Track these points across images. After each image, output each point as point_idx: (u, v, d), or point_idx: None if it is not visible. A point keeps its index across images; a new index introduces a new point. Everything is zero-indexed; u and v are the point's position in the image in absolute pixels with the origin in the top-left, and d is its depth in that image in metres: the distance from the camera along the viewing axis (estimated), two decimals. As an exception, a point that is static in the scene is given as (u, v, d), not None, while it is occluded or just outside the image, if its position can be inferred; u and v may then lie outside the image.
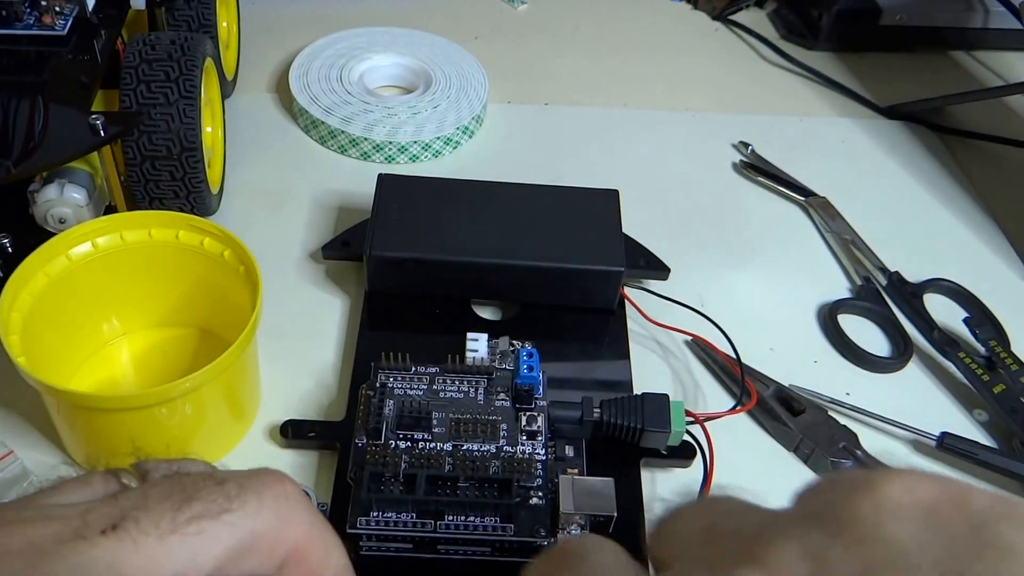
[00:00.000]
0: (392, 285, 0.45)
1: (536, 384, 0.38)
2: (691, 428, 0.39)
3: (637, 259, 0.48)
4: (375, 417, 0.36)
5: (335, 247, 0.48)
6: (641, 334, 0.46)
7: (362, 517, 0.34)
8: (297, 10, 0.69)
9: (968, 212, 0.57)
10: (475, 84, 0.60)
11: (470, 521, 0.34)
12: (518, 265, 0.44)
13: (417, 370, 0.39)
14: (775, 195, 0.56)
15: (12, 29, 0.47)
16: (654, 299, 0.47)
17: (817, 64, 0.69)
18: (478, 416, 0.37)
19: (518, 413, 0.37)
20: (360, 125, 0.55)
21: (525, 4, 0.74)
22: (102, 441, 0.36)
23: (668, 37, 0.72)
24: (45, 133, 0.42)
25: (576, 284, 0.45)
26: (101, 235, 0.39)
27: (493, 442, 0.36)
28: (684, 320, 0.45)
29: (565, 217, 0.46)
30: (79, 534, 0.20)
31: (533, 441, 0.37)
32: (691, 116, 0.63)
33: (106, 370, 0.41)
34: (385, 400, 0.37)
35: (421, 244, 0.44)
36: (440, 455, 0.35)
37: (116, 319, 0.42)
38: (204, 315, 0.42)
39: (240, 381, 0.38)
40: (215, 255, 0.39)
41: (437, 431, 0.36)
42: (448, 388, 0.38)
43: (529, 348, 0.40)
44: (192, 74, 0.44)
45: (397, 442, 0.36)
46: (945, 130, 0.64)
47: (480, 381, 0.39)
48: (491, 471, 0.35)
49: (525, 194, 0.47)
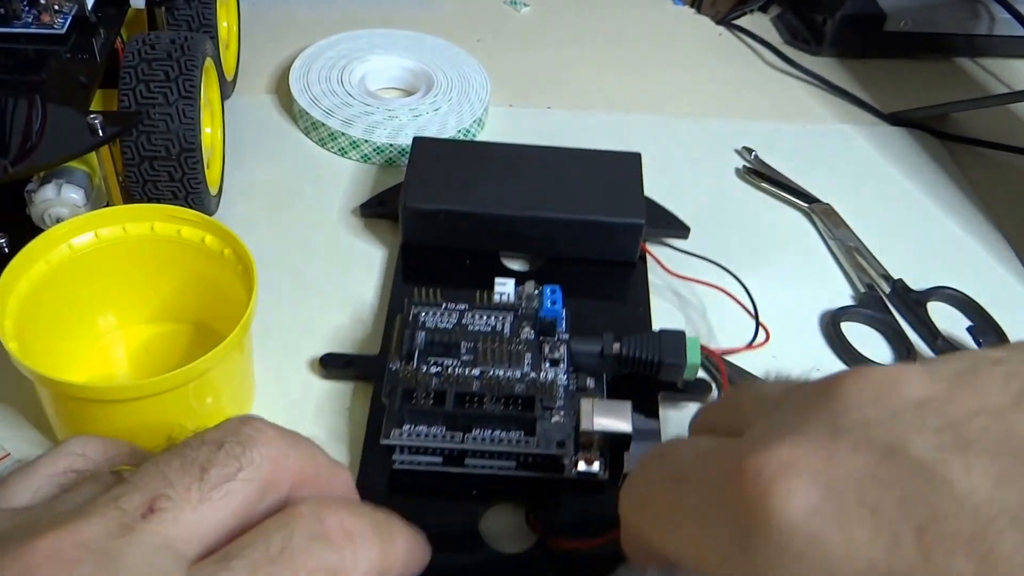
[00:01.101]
0: (425, 237, 0.48)
1: (559, 317, 0.41)
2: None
3: (659, 220, 0.51)
4: (408, 344, 0.39)
5: (372, 205, 0.51)
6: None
7: (395, 429, 0.37)
8: (298, 11, 0.68)
9: (972, 220, 0.56)
10: (476, 87, 0.60)
11: (496, 435, 0.37)
12: (544, 217, 0.47)
13: (448, 306, 0.42)
14: (778, 201, 0.56)
15: (10, 27, 0.46)
16: (673, 255, 0.50)
17: (821, 70, 0.69)
18: (504, 346, 0.39)
19: (542, 344, 0.40)
20: (360, 127, 0.55)
21: (528, 7, 0.74)
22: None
23: (671, 42, 0.72)
24: (43, 132, 0.42)
25: (599, 236, 0.48)
26: (104, 226, 0.39)
27: (518, 368, 0.39)
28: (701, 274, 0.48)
29: (590, 176, 0.49)
30: (125, 524, 0.21)
31: (555, 368, 0.39)
32: (694, 121, 0.62)
33: (100, 364, 0.41)
34: (417, 331, 0.40)
35: (453, 198, 0.47)
36: (468, 378, 0.38)
37: (111, 313, 0.42)
38: (200, 310, 0.42)
39: (232, 375, 0.38)
40: (215, 252, 0.39)
41: (465, 358, 0.39)
42: (476, 322, 0.41)
43: (553, 286, 0.42)
44: (192, 74, 0.44)
45: (428, 367, 0.39)
46: (950, 137, 0.63)
47: (507, 316, 0.41)
48: (516, 391, 0.37)
49: (552, 155, 0.51)
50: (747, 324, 0.45)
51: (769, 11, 0.76)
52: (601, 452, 0.37)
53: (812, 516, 0.19)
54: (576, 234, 0.48)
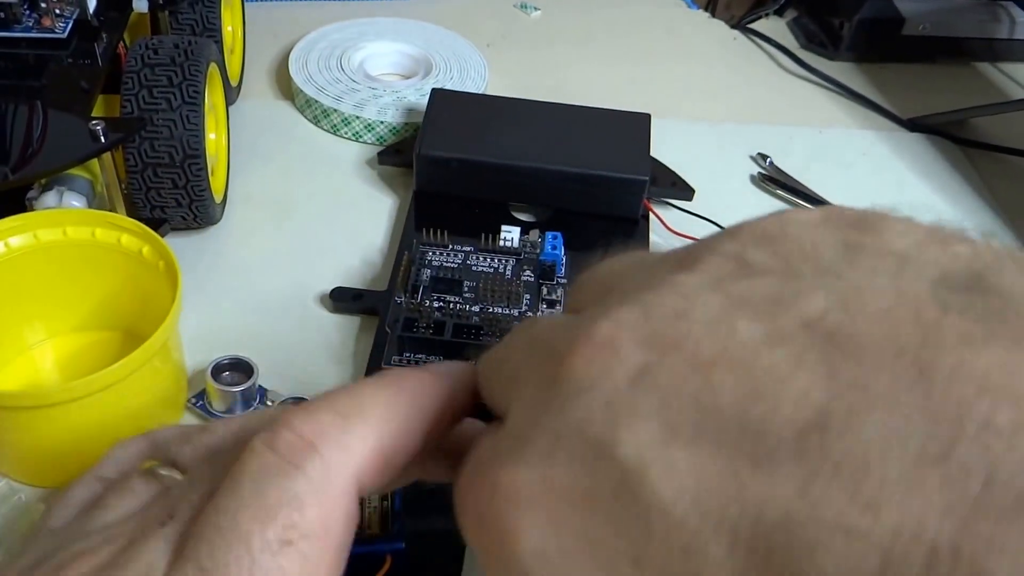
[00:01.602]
0: (438, 184, 0.50)
1: (558, 262, 0.43)
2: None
3: (664, 179, 0.53)
4: (413, 279, 0.42)
5: (389, 153, 0.54)
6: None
7: (395, 356, 0.39)
8: (303, 14, 0.68)
9: (993, 227, 0.55)
10: (473, 72, 0.61)
11: None
12: (552, 170, 0.49)
13: (454, 247, 0.44)
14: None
15: (11, 32, 0.45)
16: (676, 215, 0.51)
17: (838, 74, 0.67)
18: (505, 286, 0.42)
19: (541, 287, 0.42)
20: (373, 109, 0.56)
21: (538, 11, 0.73)
22: (31, 445, 0.35)
23: (685, 46, 0.71)
24: (44, 139, 0.41)
25: (603, 191, 0.49)
26: (13, 235, 0.38)
27: (516, 307, 0.41)
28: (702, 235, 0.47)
29: (599, 133, 0.51)
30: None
31: (552, 310, 0.42)
32: (708, 127, 0.61)
33: (29, 375, 0.40)
34: (423, 269, 0.42)
35: (466, 147, 0.49)
36: (468, 313, 0.40)
37: (38, 322, 0.40)
38: (129, 316, 0.41)
39: (159, 376, 0.37)
40: (133, 252, 0.38)
41: (467, 295, 0.42)
42: (480, 263, 0.43)
43: (555, 232, 0.44)
44: (196, 79, 0.43)
45: (431, 301, 0.41)
46: (969, 143, 0.62)
47: (509, 260, 0.44)
48: (512, 326, 0.38)
49: (564, 112, 0.53)
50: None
51: (785, 15, 0.75)
52: None
53: (541, 561, 0.16)
54: (581, 187, 0.49)
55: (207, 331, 0.43)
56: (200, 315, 0.43)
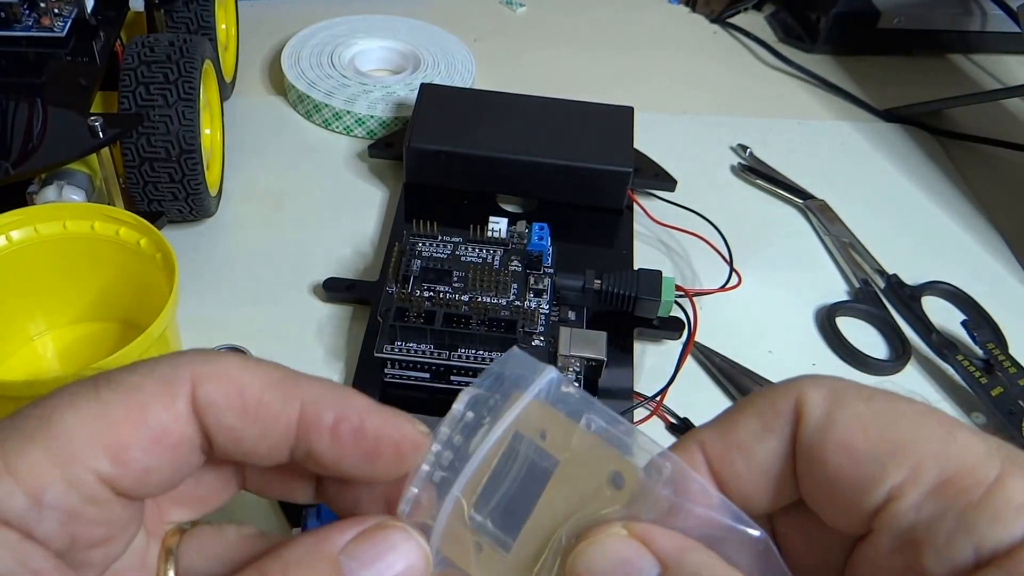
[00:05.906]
0: (427, 177, 0.51)
1: (545, 252, 0.43)
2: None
3: (647, 171, 0.54)
4: (404, 269, 0.42)
5: (379, 146, 0.54)
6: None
7: (387, 344, 0.40)
8: (295, 12, 0.69)
9: (966, 215, 0.57)
10: (459, 66, 0.62)
11: (480, 354, 0.40)
12: (538, 162, 0.50)
13: (443, 238, 0.44)
14: (773, 198, 0.56)
15: (11, 31, 0.47)
16: (658, 206, 0.53)
17: (815, 67, 0.69)
18: (493, 275, 0.42)
19: (528, 276, 0.43)
20: (364, 104, 0.57)
21: (524, 7, 0.74)
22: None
23: (666, 40, 0.72)
24: (44, 134, 0.42)
25: (588, 182, 0.50)
26: (15, 228, 0.39)
27: (504, 296, 0.42)
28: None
29: (584, 126, 0.52)
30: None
31: (539, 298, 0.42)
32: (689, 119, 0.63)
33: (31, 366, 0.41)
34: (414, 259, 0.43)
35: (454, 139, 0.51)
36: (457, 301, 0.41)
37: (39, 314, 0.42)
38: (127, 307, 0.42)
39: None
40: (131, 244, 0.39)
41: (456, 284, 0.42)
42: (469, 254, 0.44)
43: (542, 223, 0.44)
44: (191, 76, 0.44)
45: (421, 291, 0.42)
46: (943, 133, 0.64)
47: (497, 250, 0.44)
48: (501, 315, 0.40)
49: (550, 105, 0.54)
50: (724, 271, 0.49)
51: (763, 9, 0.77)
52: (576, 377, 0.40)
53: None
54: (566, 179, 0.50)
55: (203, 321, 0.44)
56: (196, 305, 0.44)
